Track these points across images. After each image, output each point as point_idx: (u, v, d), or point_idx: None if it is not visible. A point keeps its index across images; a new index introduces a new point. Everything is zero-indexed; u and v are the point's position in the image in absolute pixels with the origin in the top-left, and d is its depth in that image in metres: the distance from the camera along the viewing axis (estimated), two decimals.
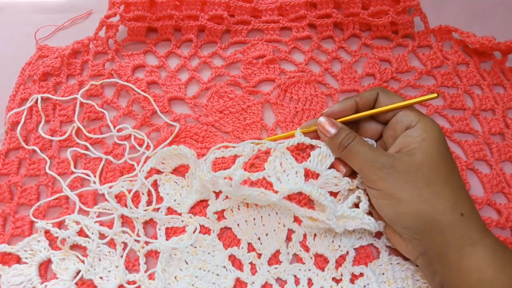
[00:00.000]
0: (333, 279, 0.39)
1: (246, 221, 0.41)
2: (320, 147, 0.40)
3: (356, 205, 0.39)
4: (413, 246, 0.36)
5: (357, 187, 0.40)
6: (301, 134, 0.40)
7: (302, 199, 0.42)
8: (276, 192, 0.37)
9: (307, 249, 0.40)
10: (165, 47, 0.52)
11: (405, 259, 0.40)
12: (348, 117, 0.40)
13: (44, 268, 0.40)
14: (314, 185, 0.38)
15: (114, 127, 0.46)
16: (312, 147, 0.41)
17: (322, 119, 0.39)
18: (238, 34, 0.53)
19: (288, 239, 0.41)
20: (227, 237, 0.41)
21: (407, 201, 0.34)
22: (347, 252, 0.40)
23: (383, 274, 0.39)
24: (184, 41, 0.53)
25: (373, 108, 0.40)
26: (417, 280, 0.39)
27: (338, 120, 0.40)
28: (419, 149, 0.35)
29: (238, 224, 0.41)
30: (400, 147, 0.37)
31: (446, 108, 0.49)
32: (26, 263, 0.39)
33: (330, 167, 0.40)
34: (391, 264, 0.40)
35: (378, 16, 0.53)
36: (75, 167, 0.44)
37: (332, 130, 0.38)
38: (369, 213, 0.40)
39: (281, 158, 0.40)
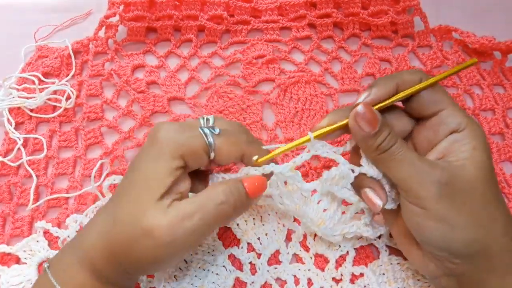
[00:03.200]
0: (333, 279, 0.39)
1: (245, 221, 0.41)
2: (338, 165, 0.33)
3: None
4: (440, 267, 0.31)
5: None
6: (315, 141, 0.32)
7: None
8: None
9: (307, 249, 0.40)
10: (165, 47, 0.52)
11: (406, 258, 0.40)
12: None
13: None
14: (319, 208, 0.36)
15: (115, 127, 0.46)
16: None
17: (361, 109, 0.30)
18: (238, 34, 0.53)
19: (288, 239, 0.41)
20: (227, 236, 0.41)
21: (462, 227, 0.29)
22: (347, 252, 0.40)
23: (384, 274, 0.39)
24: (183, 41, 0.53)
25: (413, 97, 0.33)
26: (418, 280, 0.39)
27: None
28: (471, 160, 0.29)
29: (237, 224, 0.41)
30: (444, 154, 0.31)
31: None
32: (25, 263, 0.39)
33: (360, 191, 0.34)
34: (391, 264, 0.40)
35: (378, 16, 0.53)
36: (74, 168, 0.44)
37: (373, 124, 0.30)
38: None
39: (284, 179, 0.34)
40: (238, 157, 0.32)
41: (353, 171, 0.33)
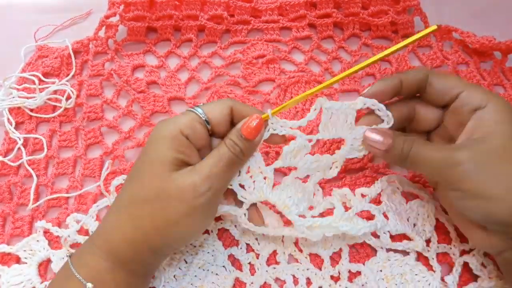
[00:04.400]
0: (331, 277, 0.39)
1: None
2: (295, 139, 0.35)
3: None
4: (503, 241, 0.32)
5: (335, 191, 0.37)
6: (275, 119, 0.34)
7: None
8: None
9: (300, 250, 0.40)
10: (165, 47, 0.52)
11: (403, 254, 0.40)
12: (323, 85, 0.35)
13: (44, 268, 0.40)
14: (281, 195, 0.35)
15: (115, 127, 0.47)
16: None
17: (369, 133, 0.34)
18: (238, 34, 0.53)
19: (283, 240, 0.41)
20: (227, 237, 0.41)
21: (499, 196, 0.29)
22: (341, 249, 0.40)
23: (381, 271, 0.39)
24: (183, 41, 0.53)
25: (421, 93, 0.35)
26: (416, 274, 0.39)
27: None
28: (497, 133, 0.31)
29: (235, 226, 0.41)
30: (471, 133, 0.32)
31: None
32: (26, 263, 0.39)
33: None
34: (389, 260, 0.40)
35: (378, 16, 0.53)
36: (74, 168, 0.44)
37: (386, 141, 0.34)
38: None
39: (249, 161, 0.35)
40: (228, 112, 0.34)
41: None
